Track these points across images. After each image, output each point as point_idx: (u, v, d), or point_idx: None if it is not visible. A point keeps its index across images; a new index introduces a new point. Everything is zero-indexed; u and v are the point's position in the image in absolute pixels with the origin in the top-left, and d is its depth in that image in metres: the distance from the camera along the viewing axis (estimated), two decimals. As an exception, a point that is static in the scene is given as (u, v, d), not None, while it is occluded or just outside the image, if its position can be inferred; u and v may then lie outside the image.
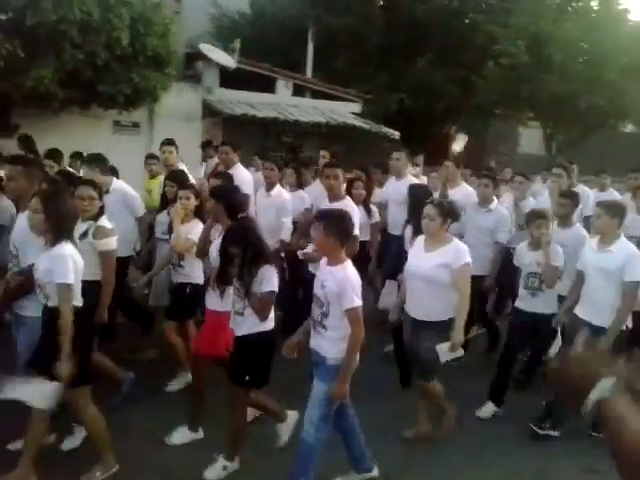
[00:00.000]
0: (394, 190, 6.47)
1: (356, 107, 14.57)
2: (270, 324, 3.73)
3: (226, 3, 17.48)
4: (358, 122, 13.70)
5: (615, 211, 4.42)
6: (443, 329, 4.09)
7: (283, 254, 5.71)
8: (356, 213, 5.07)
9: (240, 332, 3.72)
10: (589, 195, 7.04)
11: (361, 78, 15.87)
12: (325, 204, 5.27)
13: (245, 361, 3.70)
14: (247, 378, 3.68)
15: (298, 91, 13.92)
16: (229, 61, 12.36)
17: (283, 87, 13.60)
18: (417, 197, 5.19)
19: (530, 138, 23.45)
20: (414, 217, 5.10)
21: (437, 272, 4.11)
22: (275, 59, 14.38)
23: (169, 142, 6.58)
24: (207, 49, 12.33)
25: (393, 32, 15.86)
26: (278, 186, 6.14)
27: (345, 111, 14.16)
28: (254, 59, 13.44)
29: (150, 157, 7.08)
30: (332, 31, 15.73)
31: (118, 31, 8.57)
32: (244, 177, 6.40)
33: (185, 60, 12.17)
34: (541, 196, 8.21)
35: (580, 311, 4.54)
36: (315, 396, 3.51)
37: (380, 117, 14.87)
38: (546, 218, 4.79)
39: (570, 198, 5.25)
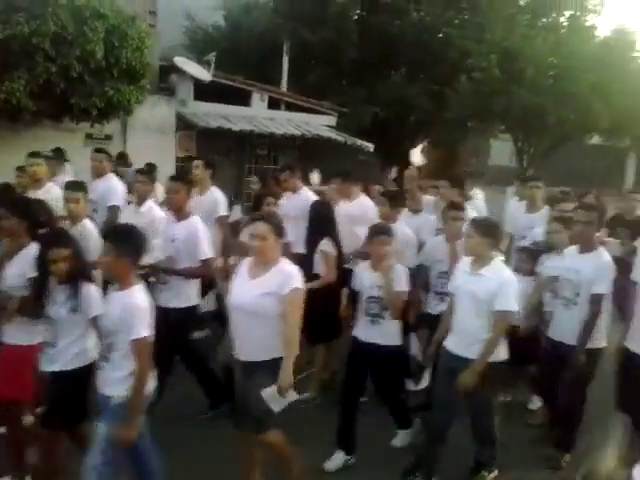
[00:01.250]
0: (290, 204, 5.94)
1: (331, 120, 14.67)
2: (90, 355, 3.35)
3: (200, 16, 17.48)
4: (333, 134, 13.79)
5: (487, 230, 3.87)
6: (274, 370, 3.41)
7: (153, 278, 4.69)
8: (203, 233, 4.64)
9: (54, 367, 3.31)
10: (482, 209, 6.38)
11: (336, 91, 15.98)
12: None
13: (61, 400, 3.28)
14: (60, 418, 3.31)
15: (273, 104, 13.97)
16: (204, 74, 12.35)
17: (258, 100, 13.63)
18: (319, 214, 4.76)
19: (501, 150, 23.87)
20: (315, 236, 4.90)
21: (262, 303, 3.42)
22: (250, 72, 14.42)
23: (36, 154, 5.89)
24: (181, 62, 12.30)
25: (367, 46, 16.02)
26: (150, 202, 5.54)
27: (320, 124, 14.24)
28: (229, 72, 13.46)
29: (17, 169, 6.15)
30: (307, 44, 15.83)
31: (92, 44, 8.52)
32: (114, 187, 5.99)
33: (159, 73, 12.14)
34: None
35: (447, 341, 4.01)
36: (98, 441, 3.11)
37: (354, 130, 14.98)
38: (389, 234, 4.21)
39: (462, 210, 4.81)
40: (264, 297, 3.41)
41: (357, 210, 5.77)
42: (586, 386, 4.33)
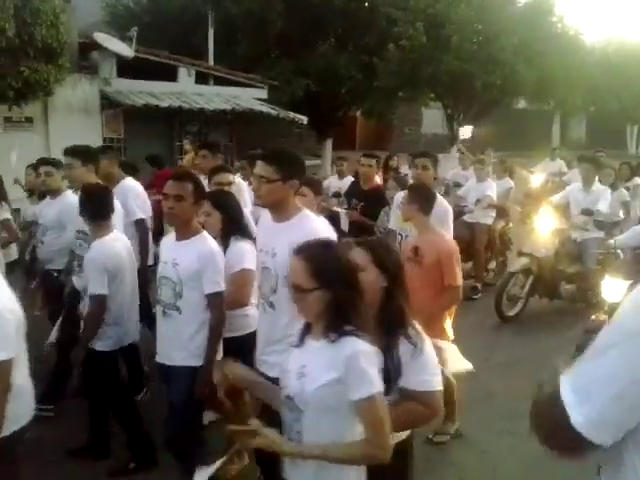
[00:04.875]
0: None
1: (262, 93, 14.47)
2: None
3: (120, -10, 16.84)
4: (265, 108, 13.62)
5: None
6: None
7: None
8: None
9: None
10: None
11: (265, 64, 15.76)
12: None
13: None
14: None
15: (201, 79, 13.65)
16: (126, 50, 11.91)
17: (185, 75, 13.29)
18: None
19: (433, 118, 24.27)
20: None
21: None
22: (175, 47, 13.99)
23: None
24: (102, 38, 11.81)
25: (294, 17, 15.82)
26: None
27: (250, 97, 14.03)
28: (153, 47, 13.03)
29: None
30: (232, 16, 15.48)
31: (2, 21, 8.06)
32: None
33: (79, 51, 11.64)
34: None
35: None
36: None
37: (287, 103, 14.85)
38: None
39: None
40: None
41: None
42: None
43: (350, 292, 2.00)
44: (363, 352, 1.90)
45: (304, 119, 14.19)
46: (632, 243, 5.55)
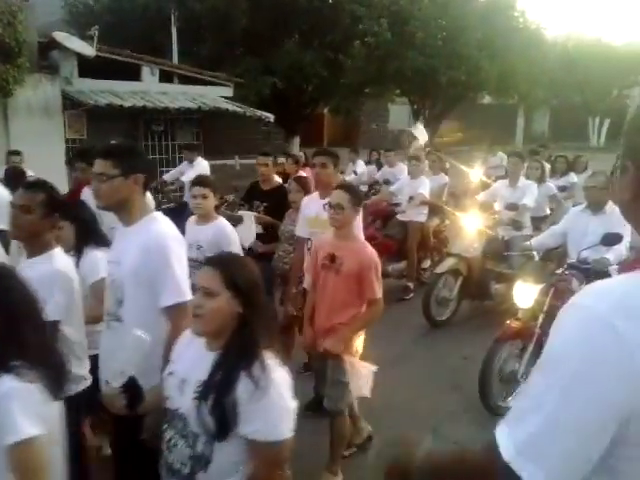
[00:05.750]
0: None
1: (227, 91, 14.35)
2: None
3: (79, -12, 16.54)
4: (231, 106, 13.52)
5: None
6: None
7: None
8: None
9: None
10: None
11: (230, 61, 15.65)
12: None
13: None
14: None
15: (165, 77, 13.47)
16: (87, 49, 11.68)
17: (149, 74, 13.09)
18: None
19: (399, 114, 24.45)
20: None
21: None
22: (138, 46, 13.79)
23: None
24: (62, 37, 11.56)
25: (259, 14, 15.75)
26: None
27: (216, 95, 13.92)
28: (115, 46, 12.81)
29: None
30: (196, 14, 15.35)
31: (-44, 20, 7.87)
32: None
33: (39, 50, 11.39)
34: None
35: None
36: None
37: (253, 100, 14.78)
38: None
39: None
40: None
41: None
42: None
43: (17, 323, 1.76)
44: (15, 392, 1.68)
45: (270, 117, 14.13)
46: (550, 243, 5.25)
